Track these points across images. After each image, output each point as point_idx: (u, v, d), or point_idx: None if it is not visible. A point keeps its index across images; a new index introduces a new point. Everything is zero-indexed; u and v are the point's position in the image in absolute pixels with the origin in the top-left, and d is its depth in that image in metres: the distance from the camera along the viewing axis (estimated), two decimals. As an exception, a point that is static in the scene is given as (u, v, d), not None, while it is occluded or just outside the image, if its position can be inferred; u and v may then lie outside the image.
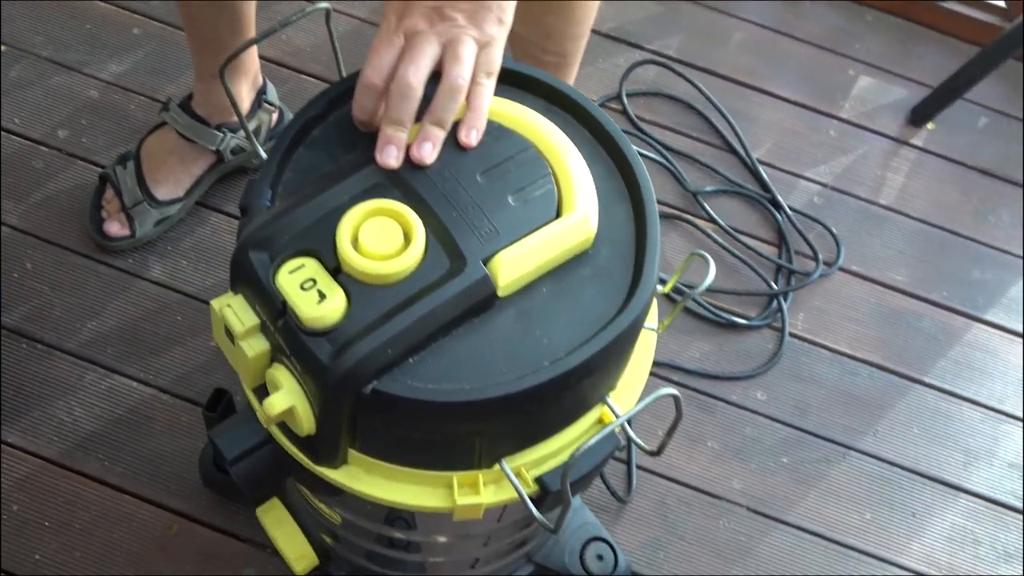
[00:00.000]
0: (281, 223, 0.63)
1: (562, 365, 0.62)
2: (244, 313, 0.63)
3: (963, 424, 1.35)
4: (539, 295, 0.65)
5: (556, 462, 0.69)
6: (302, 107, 0.70)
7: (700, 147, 1.51)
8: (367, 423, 0.64)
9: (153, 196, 1.27)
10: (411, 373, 0.61)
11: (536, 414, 0.65)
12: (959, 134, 1.60)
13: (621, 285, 0.67)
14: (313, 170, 0.68)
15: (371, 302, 0.60)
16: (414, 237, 0.62)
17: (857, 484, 1.29)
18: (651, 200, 0.69)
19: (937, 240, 1.50)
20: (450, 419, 0.62)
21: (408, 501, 0.69)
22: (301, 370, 0.61)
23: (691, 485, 1.26)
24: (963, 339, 1.42)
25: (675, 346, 1.34)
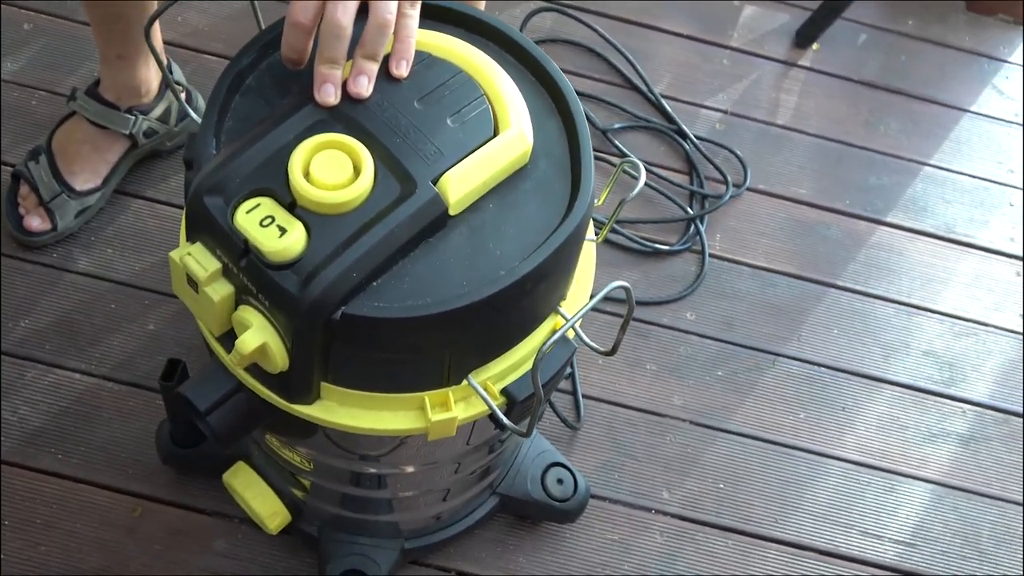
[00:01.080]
0: (231, 167, 0.64)
1: (518, 271, 0.65)
2: (205, 259, 0.64)
3: (878, 320, 1.43)
4: (487, 211, 0.67)
5: (518, 373, 0.72)
6: (233, 57, 0.71)
7: (604, 87, 1.55)
8: (339, 351, 0.65)
9: (71, 187, 1.25)
10: (377, 295, 0.63)
11: (497, 323, 0.68)
12: (842, 52, 1.67)
13: (561, 194, 0.70)
14: (252, 116, 0.69)
15: (330, 231, 0.62)
16: (363, 165, 0.64)
17: (788, 387, 1.35)
18: (579, 112, 0.72)
19: (834, 152, 1.57)
20: (418, 334, 0.64)
21: (384, 426, 0.71)
22: (270, 305, 0.63)
23: (635, 407, 1.30)
24: (868, 242, 1.49)
25: (605, 279, 1.35)
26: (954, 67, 1.71)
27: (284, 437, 0.83)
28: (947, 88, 1.68)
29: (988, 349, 1.43)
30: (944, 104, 1.66)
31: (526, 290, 0.66)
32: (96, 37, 1.20)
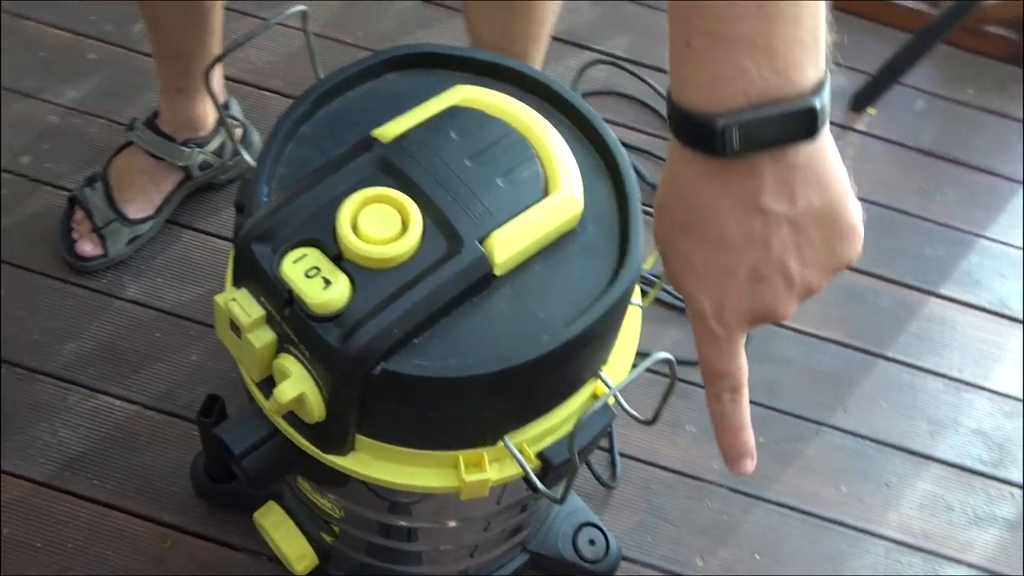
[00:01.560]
0: (281, 215, 0.64)
1: (560, 337, 0.64)
2: (249, 305, 0.64)
3: (927, 395, 1.40)
4: (533, 273, 0.67)
5: (555, 436, 0.71)
6: (290, 104, 0.72)
7: (655, 142, 1.55)
8: (376, 405, 0.65)
9: (124, 215, 1.27)
10: (417, 353, 0.62)
11: (537, 387, 0.67)
12: (899, 117, 1.65)
13: (609, 259, 0.69)
14: (306, 165, 0.69)
15: (374, 286, 0.62)
16: (411, 221, 0.63)
17: (831, 458, 1.32)
18: (630, 175, 0.72)
19: (887, 220, 1.55)
20: (456, 395, 0.64)
21: (417, 483, 0.70)
22: (310, 356, 0.63)
23: (673, 469, 1.28)
24: (920, 313, 1.47)
25: (650, 336, 1.35)
26: (1014, 138, 1.68)
27: (316, 484, 0.82)
28: (1006, 160, 1.65)
29: None
30: (1003, 176, 1.63)
31: (568, 355, 0.65)
32: (158, 70, 1.22)
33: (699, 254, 0.48)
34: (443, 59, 0.76)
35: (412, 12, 1.60)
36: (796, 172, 0.44)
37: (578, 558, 1.10)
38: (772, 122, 0.42)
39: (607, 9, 1.67)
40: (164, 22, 1.15)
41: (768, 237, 0.45)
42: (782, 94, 0.42)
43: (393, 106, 0.72)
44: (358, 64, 0.74)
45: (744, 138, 0.42)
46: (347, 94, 0.74)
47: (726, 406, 0.55)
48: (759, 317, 0.50)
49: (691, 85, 0.44)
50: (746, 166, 0.44)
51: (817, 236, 0.47)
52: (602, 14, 1.66)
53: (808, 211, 0.46)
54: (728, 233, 0.46)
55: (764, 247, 0.46)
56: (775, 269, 0.47)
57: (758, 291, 0.48)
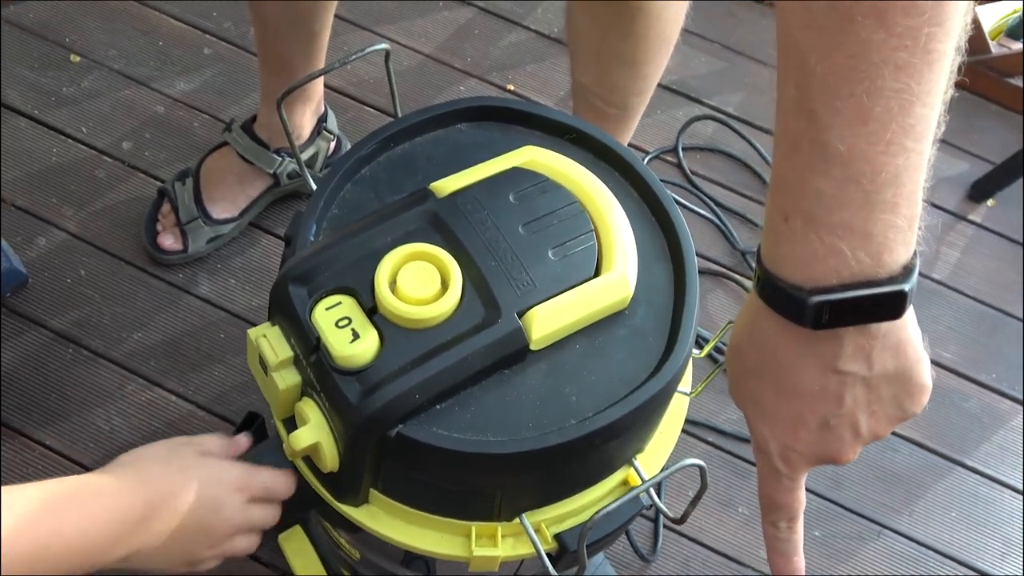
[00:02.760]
0: (322, 259, 0.63)
1: (588, 425, 0.61)
2: (279, 344, 0.63)
3: (1002, 511, 1.32)
4: (572, 352, 0.65)
5: (577, 520, 0.69)
6: (355, 144, 0.71)
7: (752, 206, 1.50)
8: (390, 466, 0.64)
9: (208, 214, 1.29)
10: (437, 420, 0.61)
11: (559, 471, 0.64)
12: (1019, 213, 1.57)
13: (656, 348, 0.66)
14: (360, 208, 0.69)
15: (404, 345, 0.60)
16: (451, 283, 0.62)
17: (889, 564, 1.26)
18: (692, 262, 0.69)
19: (989, 319, 1.47)
20: (472, 470, 0.62)
21: (425, 547, 0.68)
22: (329, 407, 0.61)
23: (718, 550, 1.24)
24: (1009, 424, 1.39)
25: (713, 406, 1.32)
26: None
27: (332, 526, 0.81)
28: None
29: None
30: (1122, 289, 1.54)
31: (595, 445, 0.62)
32: (261, 77, 1.24)
33: (771, 397, 0.50)
34: (519, 115, 0.74)
35: (526, 44, 1.60)
36: (876, 341, 0.47)
37: None
38: (862, 303, 0.44)
39: (724, 64, 1.63)
40: (274, 32, 1.17)
41: (842, 394, 0.48)
42: (874, 276, 0.44)
43: (458, 158, 0.71)
44: (430, 110, 0.73)
45: (833, 315, 0.45)
46: (415, 139, 0.73)
47: (781, 533, 0.57)
48: (822, 460, 0.52)
49: (786, 259, 0.46)
50: (830, 335, 0.46)
51: (888, 394, 0.49)
52: (718, 69, 1.63)
53: (883, 374, 0.48)
54: (804, 386, 0.48)
55: (837, 402, 0.48)
56: (845, 421, 0.49)
57: (825, 439, 0.50)
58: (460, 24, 1.59)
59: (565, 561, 0.68)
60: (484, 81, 1.53)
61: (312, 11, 1.13)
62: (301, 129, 1.29)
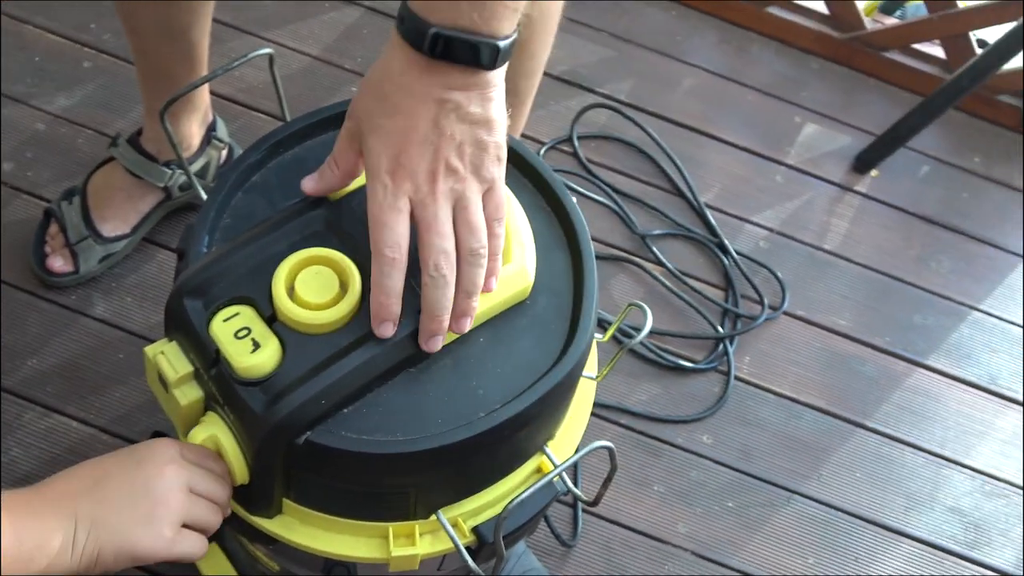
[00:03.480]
0: (216, 270, 0.62)
1: (497, 417, 0.62)
2: (178, 360, 0.62)
3: (905, 468, 1.37)
4: (476, 345, 0.65)
5: (494, 511, 0.69)
6: (243, 152, 0.70)
7: (649, 191, 1.53)
8: (301, 473, 0.63)
9: (99, 232, 1.25)
10: (345, 424, 0.61)
11: (471, 465, 0.65)
12: (902, 181, 1.63)
13: (558, 335, 0.67)
14: (252, 216, 0.68)
15: (306, 351, 0.60)
16: (351, 286, 0.62)
17: (801, 528, 1.30)
18: (588, 249, 0.70)
19: (880, 285, 1.52)
20: (384, 471, 0.62)
21: (343, 552, 0.68)
22: (234, 419, 0.61)
23: (637, 529, 1.26)
24: (905, 384, 1.44)
25: (623, 389, 1.34)
26: (1016, 210, 1.65)
27: (248, 540, 0.80)
28: (1006, 232, 1.63)
29: (1019, 514, 1.36)
30: (1001, 248, 1.61)
31: (505, 435, 0.63)
32: (142, 90, 1.21)
33: (387, 115, 0.61)
34: None
35: None
36: (471, 85, 0.60)
37: None
38: (466, 44, 0.58)
39: (612, 52, 1.65)
40: (152, 44, 1.14)
41: (439, 119, 0.60)
42: (480, 31, 0.59)
43: None
44: (318, 113, 0.73)
45: (444, 47, 0.58)
46: (305, 143, 0.72)
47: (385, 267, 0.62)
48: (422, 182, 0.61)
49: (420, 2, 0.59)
50: (441, 68, 0.59)
51: (471, 134, 0.61)
52: (607, 57, 1.65)
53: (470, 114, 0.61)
54: (413, 107, 0.60)
55: (435, 125, 0.60)
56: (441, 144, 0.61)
57: (424, 155, 0.61)
58: (348, 24, 1.58)
59: (485, 553, 0.69)
60: None
61: (187, 21, 1.11)
62: (190, 139, 1.26)
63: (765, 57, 1.71)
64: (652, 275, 1.44)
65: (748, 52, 1.71)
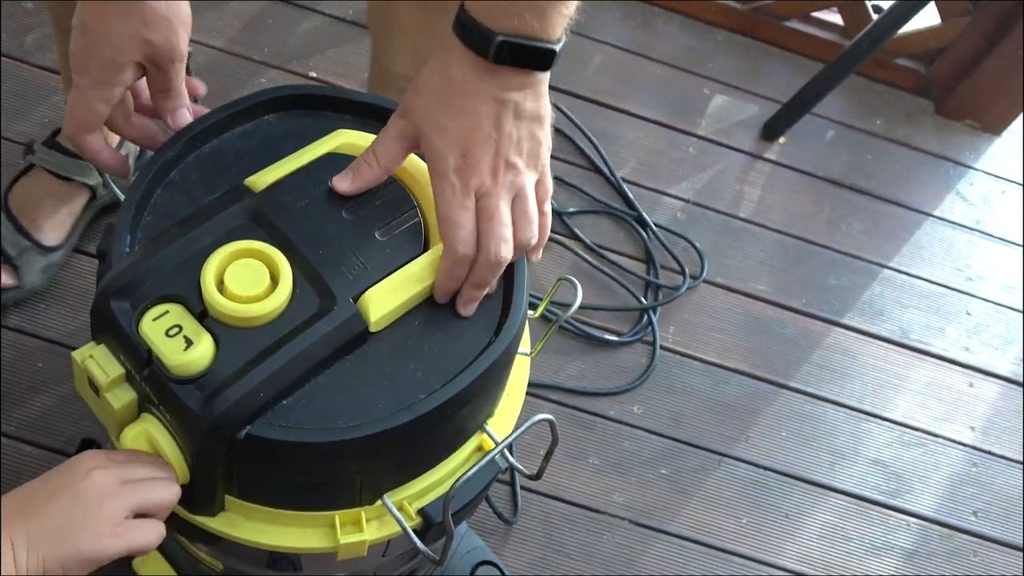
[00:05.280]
0: (142, 269, 0.61)
1: (437, 398, 0.62)
2: (108, 363, 0.61)
3: (827, 425, 1.42)
4: (412, 328, 0.65)
5: (439, 492, 0.70)
6: (159, 148, 0.69)
7: (566, 168, 1.54)
8: (243, 468, 0.63)
9: (40, 243, 1.21)
10: (285, 415, 0.60)
11: (414, 448, 0.65)
12: (809, 147, 1.68)
13: (492, 313, 0.68)
14: (174, 212, 0.67)
15: (240, 345, 0.59)
16: (281, 277, 0.61)
17: (732, 490, 1.33)
18: None
19: (794, 249, 1.57)
20: (327, 460, 0.62)
21: (290, 544, 0.68)
22: (171, 419, 0.60)
23: (574, 502, 1.27)
24: (823, 343, 1.49)
25: (553, 366, 1.36)
26: (919, 170, 1.71)
27: (189, 540, 0.79)
28: (911, 190, 1.68)
29: (936, 461, 1.42)
30: (907, 207, 1.67)
31: (446, 416, 0.63)
32: (66, 85, 1.18)
33: (450, 117, 0.63)
34: (327, 101, 0.74)
35: (323, 29, 1.57)
36: (527, 84, 0.63)
37: None
38: (528, 49, 0.62)
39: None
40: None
41: (500, 117, 0.63)
42: (539, 37, 0.62)
43: (270, 151, 0.70)
44: (234, 105, 0.72)
45: (509, 52, 0.61)
46: (222, 136, 0.71)
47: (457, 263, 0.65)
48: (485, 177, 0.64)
49: (482, 10, 0.62)
50: (502, 70, 0.62)
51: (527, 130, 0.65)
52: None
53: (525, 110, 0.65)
54: (475, 108, 0.63)
55: (496, 123, 0.63)
56: (502, 140, 0.64)
57: (488, 151, 0.64)
58: (253, 15, 1.55)
59: (432, 534, 0.69)
60: (285, 71, 1.50)
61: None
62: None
63: (670, 31, 1.73)
64: (574, 252, 1.46)
65: (654, 27, 1.73)
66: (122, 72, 0.67)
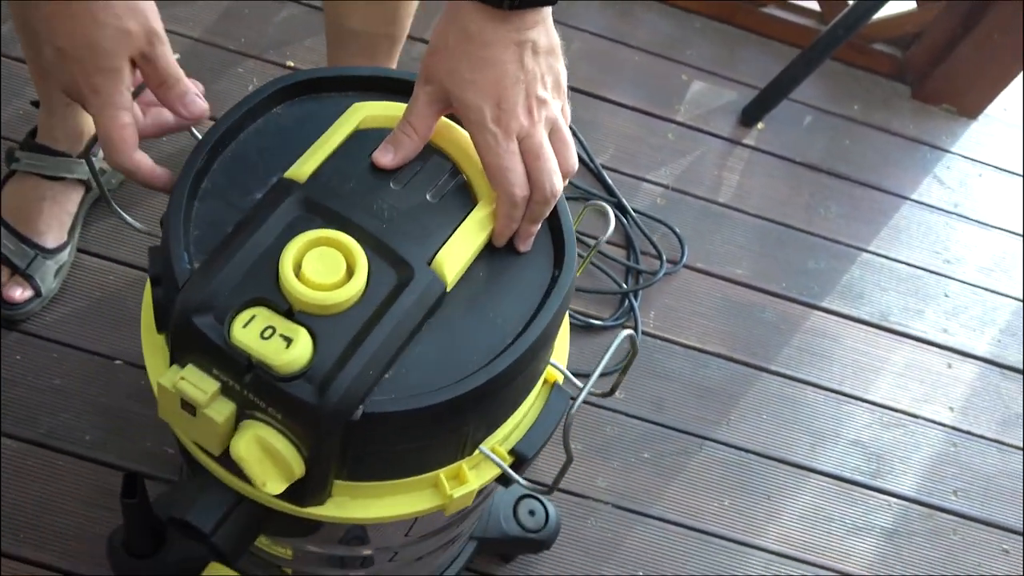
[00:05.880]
0: (215, 281, 0.67)
1: (527, 338, 0.72)
2: (201, 381, 0.68)
3: (808, 407, 1.61)
4: (478, 280, 0.75)
5: (520, 432, 0.82)
6: (186, 161, 0.76)
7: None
8: (357, 449, 0.71)
9: (44, 248, 1.33)
10: (391, 388, 0.69)
11: (510, 390, 0.75)
12: (787, 132, 1.90)
13: (546, 252, 0.79)
14: (218, 221, 0.74)
15: (335, 332, 0.67)
16: (356, 258, 0.69)
17: (714, 472, 1.51)
18: None
19: (773, 234, 1.78)
20: (441, 419, 0.71)
21: (402, 511, 0.78)
22: (283, 418, 0.68)
23: (558, 487, 1.44)
24: (803, 326, 1.69)
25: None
26: (897, 154, 1.95)
27: (285, 538, 0.89)
28: (889, 175, 1.91)
29: (916, 441, 1.62)
30: (885, 191, 1.90)
31: (536, 353, 0.74)
32: (40, 89, 1.32)
33: (475, 71, 0.73)
34: (328, 82, 0.82)
35: (300, 18, 1.74)
36: (538, 20, 0.73)
37: (523, 531, 1.25)
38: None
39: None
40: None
41: (522, 57, 0.73)
42: None
43: (290, 142, 0.78)
44: (242, 104, 0.79)
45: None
46: (239, 138, 0.79)
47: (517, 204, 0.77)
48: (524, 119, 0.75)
49: None
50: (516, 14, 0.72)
51: (545, 63, 0.75)
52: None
53: (542, 45, 0.74)
54: (499, 55, 0.73)
55: (519, 64, 0.73)
56: (529, 79, 0.74)
57: (519, 93, 0.74)
58: (229, 4, 1.70)
59: (521, 472, 0.82)
60: (263, 60, 1.67)
61: None
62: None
63: (648, 18, 1.94)
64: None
65: (632, 14, 1.94)
66: (122, 76, 0.73)
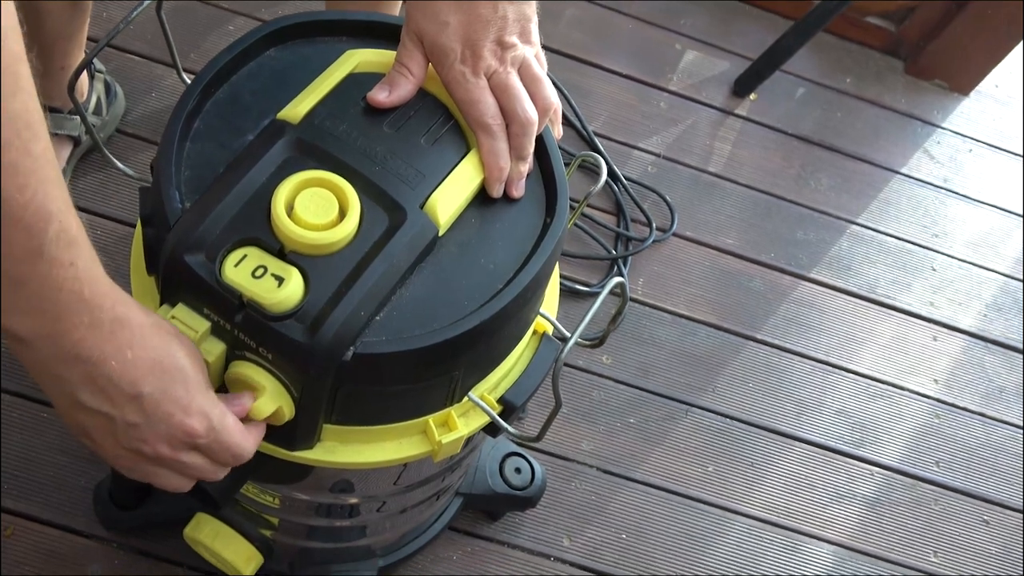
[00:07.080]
0: (207, 220, 0.68)
1: (518, 283, 0.74)
2: (192, 320, 0.69)
3: (794, 376, 1.66)
4: (470, 225, 0.76)
5: (509, 381, 0.83)
6: (177, 104, 0.76)
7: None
8: (347, 391, 0.72)
9: None
10: (382, 329, 0.70)
11: (501, 335, 0.77)
12: (779, 104, 1.94)
13: (539, 201, 0.80)
14: (210, 162, 0.74)
15: (327, 272, 0.68)
16: (349, 199, 0.70)
17: (699, 439, 1.56)
18: None
19: (763, 204, 1.82)
20: (431, 362, 0.72)
21: (390, 457, 0.79)
22: (274, 358, 0.68)
23: (543, 450, 1.47)
24: (791, 296, 1.74)
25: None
26: (888, 128, 1.99)
27: (272, 485, 0.91)
28: (880, 148, 1.96)
29: (900, 412, 1.67)
30: (875, 164, 1.94)
31: (527, 299, 0.75)
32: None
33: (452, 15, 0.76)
34: (322, 26, 0.84)
35: None
36: None
37: (509, 488, 1.28)
38: None
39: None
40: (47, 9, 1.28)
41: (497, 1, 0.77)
42: None
43: (284, 84, 0.78)
44: (235, 46, 0.80)
45: None
46: (231, 80, 0.79)
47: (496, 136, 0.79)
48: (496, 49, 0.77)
49: None
50: None
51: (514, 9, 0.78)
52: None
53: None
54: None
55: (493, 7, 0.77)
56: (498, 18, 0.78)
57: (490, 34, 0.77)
58: None
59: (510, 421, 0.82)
60: (253, 18, 1.70)
61: None
62: (83, 86, 1.42)
63: (644, -15, 1.97)
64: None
65: None
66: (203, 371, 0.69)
